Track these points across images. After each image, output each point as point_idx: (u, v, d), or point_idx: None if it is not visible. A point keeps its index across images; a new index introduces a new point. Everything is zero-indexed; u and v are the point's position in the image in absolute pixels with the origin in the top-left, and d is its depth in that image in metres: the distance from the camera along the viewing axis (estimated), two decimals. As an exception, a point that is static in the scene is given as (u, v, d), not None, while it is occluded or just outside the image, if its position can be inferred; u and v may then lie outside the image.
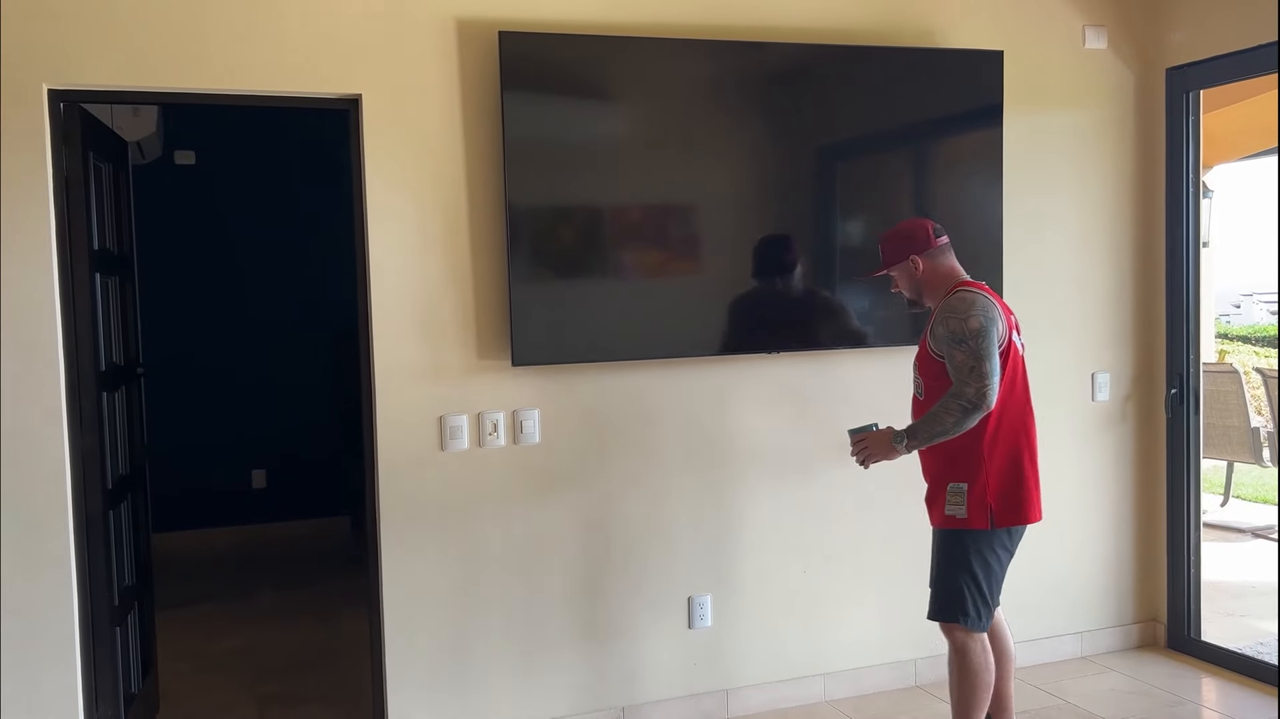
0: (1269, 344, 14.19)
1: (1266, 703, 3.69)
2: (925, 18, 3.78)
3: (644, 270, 3.48)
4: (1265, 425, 6.82)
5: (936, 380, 2.96)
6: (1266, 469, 7.09)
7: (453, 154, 3.28)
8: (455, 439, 3.33)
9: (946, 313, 2.92)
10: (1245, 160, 9.68)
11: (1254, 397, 7.02)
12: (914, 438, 2.93)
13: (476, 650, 3.39)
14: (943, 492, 2.99)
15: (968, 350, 2.85)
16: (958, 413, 2.84)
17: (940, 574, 3.05)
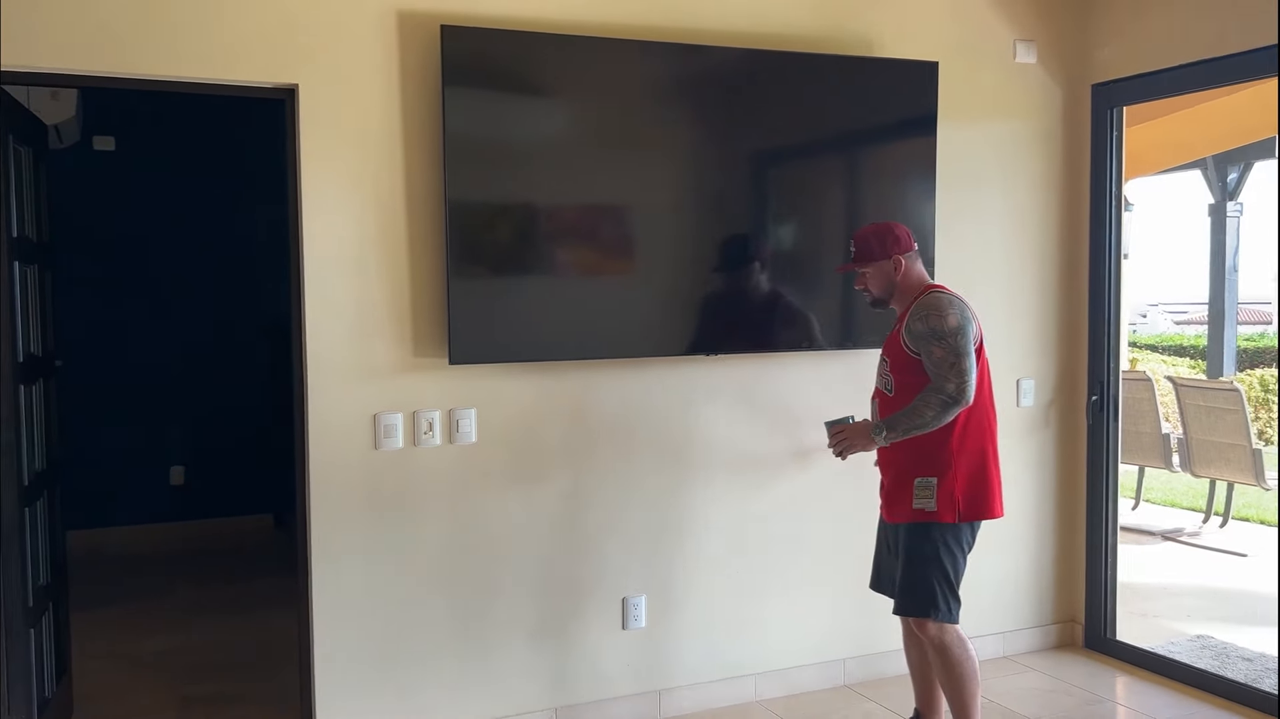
0: (1175, 353, 14.67)
1: (1178, 701, 3.82)
2: (865, 27, 3.83)
3: (583, 270, 3.47)
4: (1174, 432, 7.07)
5: (910, 377, 3.02)
6: (1175, 474, 7.35)
7: (391, 148, 3.23)
8: (390, 438, 3.28)
9: (925, 310, 2.99)
10: (1158, 175, 10.00)
11: (1164, 404, 7.27)
12: (893, 430, 2.99)
13: (409, 652, 3.34)
14: (909, 486, 3.03)
15: (947, 347, 2.93)
16: (938, 407, 2.92)
17: (910, 569, 3.06)
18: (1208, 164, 10.84)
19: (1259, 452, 6.32)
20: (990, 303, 4.11)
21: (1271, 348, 16.10)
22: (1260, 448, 6.37)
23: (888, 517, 3.16)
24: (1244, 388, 6.95)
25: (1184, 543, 6.57)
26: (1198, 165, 10.84)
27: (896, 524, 3.11)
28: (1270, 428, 10.15)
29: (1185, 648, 4.39)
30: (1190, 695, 3.86)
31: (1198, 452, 6.63)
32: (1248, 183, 11.12)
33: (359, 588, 3.27)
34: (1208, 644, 4.48)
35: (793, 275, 3.75)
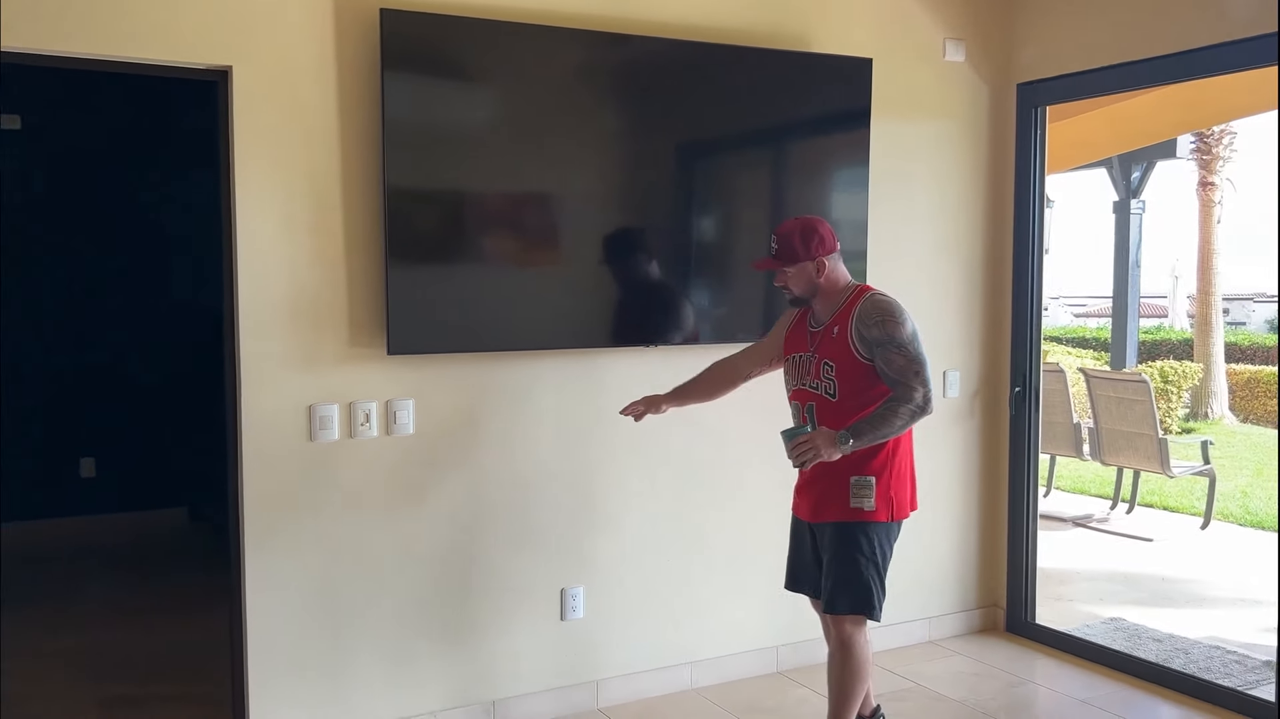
0: (1078, 345, 15.16)
1: (1095, 681, 3.96)
2: (800, 22, 3.87)
3: (524, 260, 3.44)
4: (1086, 422, 7.32)
5: (858, 383, 2.96)
6: (1085, 462, 7.61)
7: (328, 133, 3.16)
8: (325, 429, 3.22)
9: (877, 315, 2.94)
10: (1064, 174, 10.32)
11: (1076, 395, 7.52)
12: (859, 438, 2.87)
13: (346, 647, 3.29)
14: (845, 485, 2.99)
15: (907, 355, 2.90)
16: (907, 417, 2.88)
17: (847, 569, 3.02)
18: (1113, 163, 11.23)
19: (1164, 440, 6.58)
20: (919, 296, 4.19)
21: (1168, 340, 16.76)
22: (1165, 437, 6.63)
23: (813, 516, 3.11)
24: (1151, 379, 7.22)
25: (1093, 529, 6.82)
26: (1103, 164, 11.22)
27: (824, 523, 3.07)
28: (1170, 418, 10.58)
29: (1100, 630, 4.56)
30: (1106, 676, 4.01)
31: (1107, 440, 6.89)
32: (1150, 181, 11.55)
33: (294, 583, 3.20)
34: (1120, 626, 4.66)
35: (727, 267, 3.78)
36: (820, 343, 3.04)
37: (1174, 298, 18.66)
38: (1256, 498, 7.90)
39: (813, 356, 3.05)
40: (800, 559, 3.23)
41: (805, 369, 3.08)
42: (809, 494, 3.11)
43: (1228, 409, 12.80)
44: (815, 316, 3.09)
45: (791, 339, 3.17)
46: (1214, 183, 13.12)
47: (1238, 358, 14.55)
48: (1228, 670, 4.06)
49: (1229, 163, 13.21)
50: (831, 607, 3.05)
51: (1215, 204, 13.17)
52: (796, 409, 3.12)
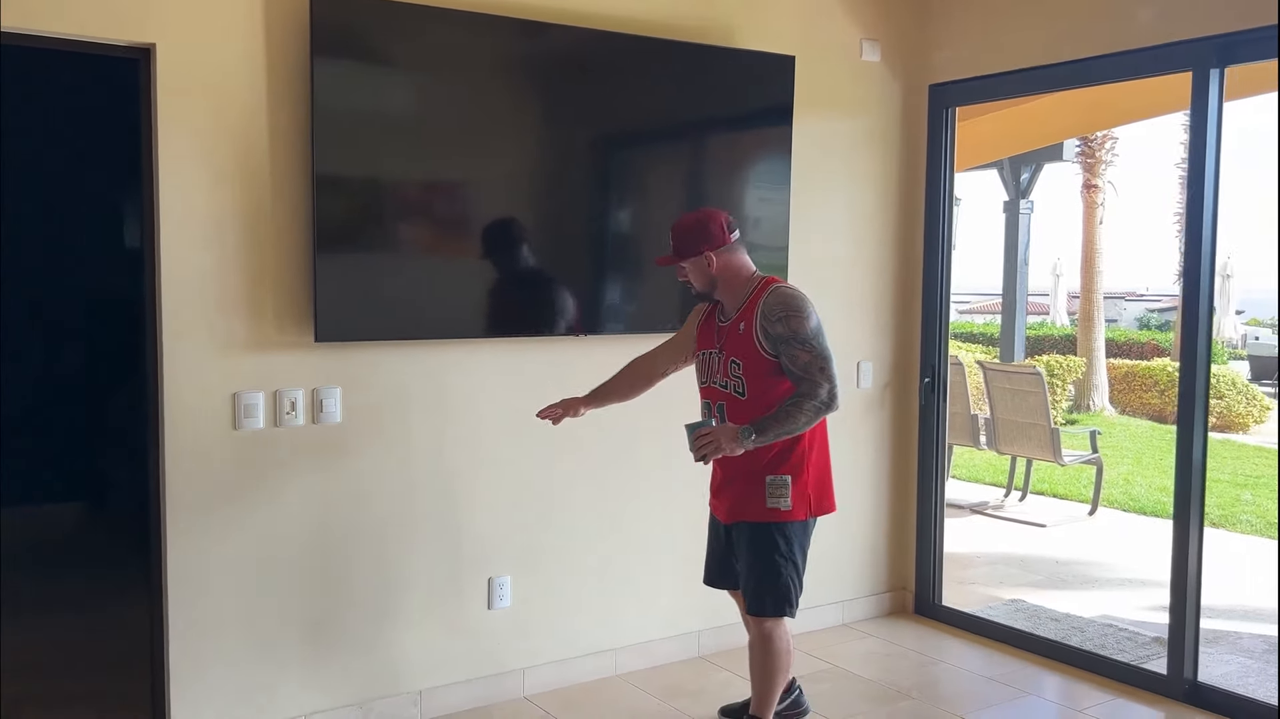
0: (967, 339, 15.69)
1: (1000, 659, 4.14)
2: (724, 18, 3.94)
3: (452, 248, 3.44)
4: (983, 414, 7.60)
5: (766, 379, 2.95)
6: (981, 451, 7.90)
7: (255, 116, 3.10)
8: (250, 418, 3.16)
9: (782, 311, 2.92)
10: (962, 174, 10.67)
11: (973, 387, 7.80)
12: (763, 434, 2.85)
13: (271, 639, 3.23)
14: (760, 484, 2.98)
15: (812, 351, 2.89)
16: (812, 413, 2.87)
17: (765, 569, 3.03)
18: (1004, 165, 11.66)
19: (1056, 430, 6.89)
20: (835, 289, 4.32)
21: (1051, 335, 17.46)
22: (1058, 427, 6.94)
23: (727, 517, 3.10)
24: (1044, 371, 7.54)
25: (990, 515, 7.09)
26: (994, 165, 11.64)
27: (742, 524, 3.06)
28: (1055, 410, 11.04)
29: (1001, 611, 4.76)
30: (1009, 653, 4.19)
31: (1002, 431, 7.17)
32: (1038, 183, 12.03)
33: (217, 575, 3.14)
34: (1020, 607, 4.87)
35: (650, 258, 3.82)
36: (727, 339, 3.02)
37: (1056, 295, 19.45)
38: (1138, 485, 8.33)
39: (720, 354, 3.03)
40: (718, 557, 3.27)
41: (714, 367, 3.05)
42: (725, 495, 3.10)
43: (1108, 401, 13.43)
44: (724, 311, 3.08)
45: (702, 334, 3.16)
46: (1097, 185, 13.75)
47: (1115, 353, 15.27)
48: (1120, 646, 4.29)
49: (1111, 166, 13.85)
50: (755, 609, 3.06)
51: (1098, 205, 13.79)
52: (707, 407, 3.11)
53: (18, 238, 5.68)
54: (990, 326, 18.26)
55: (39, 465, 5.80)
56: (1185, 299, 3.69)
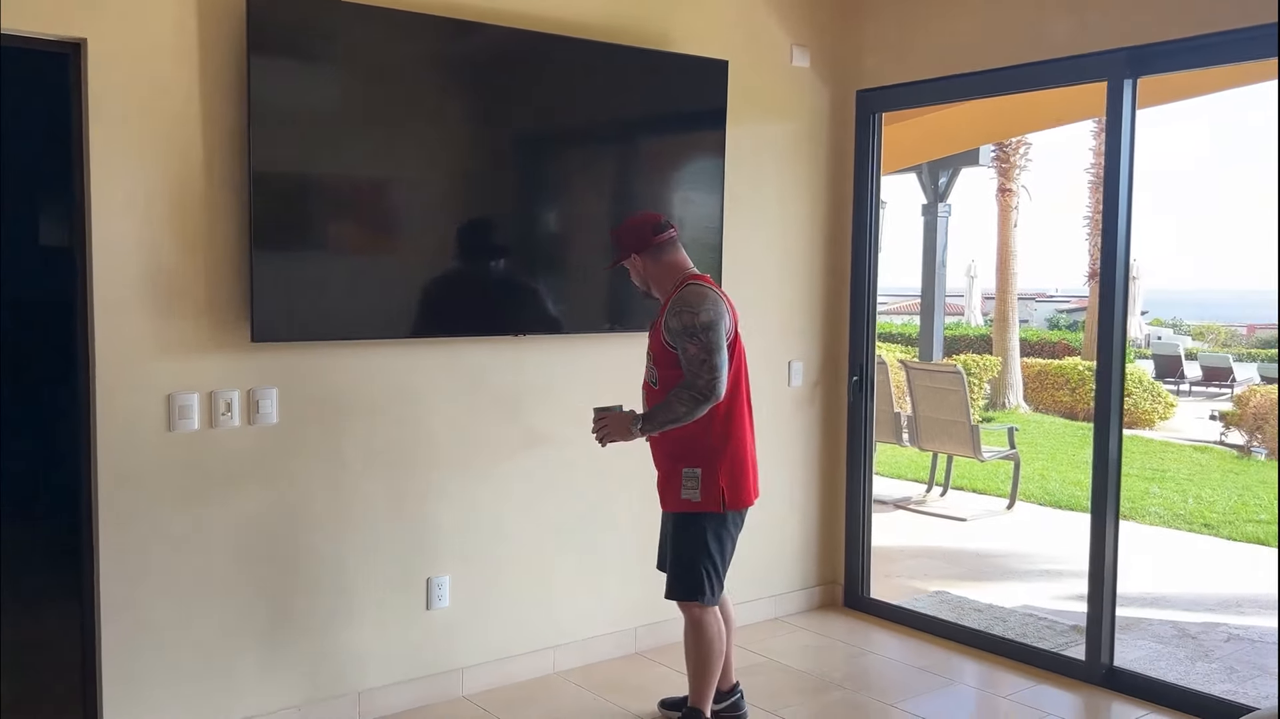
0: (884, 339, 16.00)
1: (927, 649, 4.26)
2: (658, 22, 3.99)
3: (390, 248, 3.43)
4: (905, 411, 7.79)
5: (670, 370, 3.14)
6: (904, 448, 8.09)
7: (189, 113, 3.06)
8: (185, 419, 3.11)
9: (679, 306, 3.08)
10: (885, 177, 10.90)
11: (895, 385, 7.99)
12: (649, 423, 3.11)
13: (205, 644, 3.19)
14: (678, 476, 3.16)
15: (699, 344, 3.03)
16: (689, 402, 3.03)
17: (679, 557, 3.21)
18: (922, 169, 11.95)
19: (976, 427, 7.09)
20: (768, 290, 4.41)
21: (966, 335, 17.91)
22: (977, 424, 7.14)
23: (662, 505, 3.29)
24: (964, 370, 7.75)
25: (913, 510, 7.27)
26: (913, 169, 11.92)
27: (668, 514, 3.27)
28: (973, 408, 11.33)
29: (927, 603, 4.90)
30: (935, 643, 4.32)
31: (924, 428, 7.35)
32: (955, 186, 12.34)
33: (152, 578, 3.09)
34: (945, 599, 5.02)
35: (590, 259, 3.86)
36: (653, 335, 3.22)
37: (970, 296, 19.95)
38: (1053, 480, 8.61)
39: (649, 350, 3.24)
40: (663, 542, 3.39)
41: (647, 358, 3.27)
42: (659, 485, 3.28)
43: (1022, 399, 13.83)
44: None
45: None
46: (1011, 189, 14.16)
47: (1028, 352, 15.74)
48: (1040, 635, 4.45)
49: (1024, 171, 14.28)
50: (668, 593, 3.24)
51: (1013, 209, 14.21)
52: (643, 397, 3.30)
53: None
54: (908, 327, 18.67)
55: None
56: (1101, 300, 3.84)
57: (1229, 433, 11.56)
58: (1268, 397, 11.34)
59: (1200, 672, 4.21)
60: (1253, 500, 8.04)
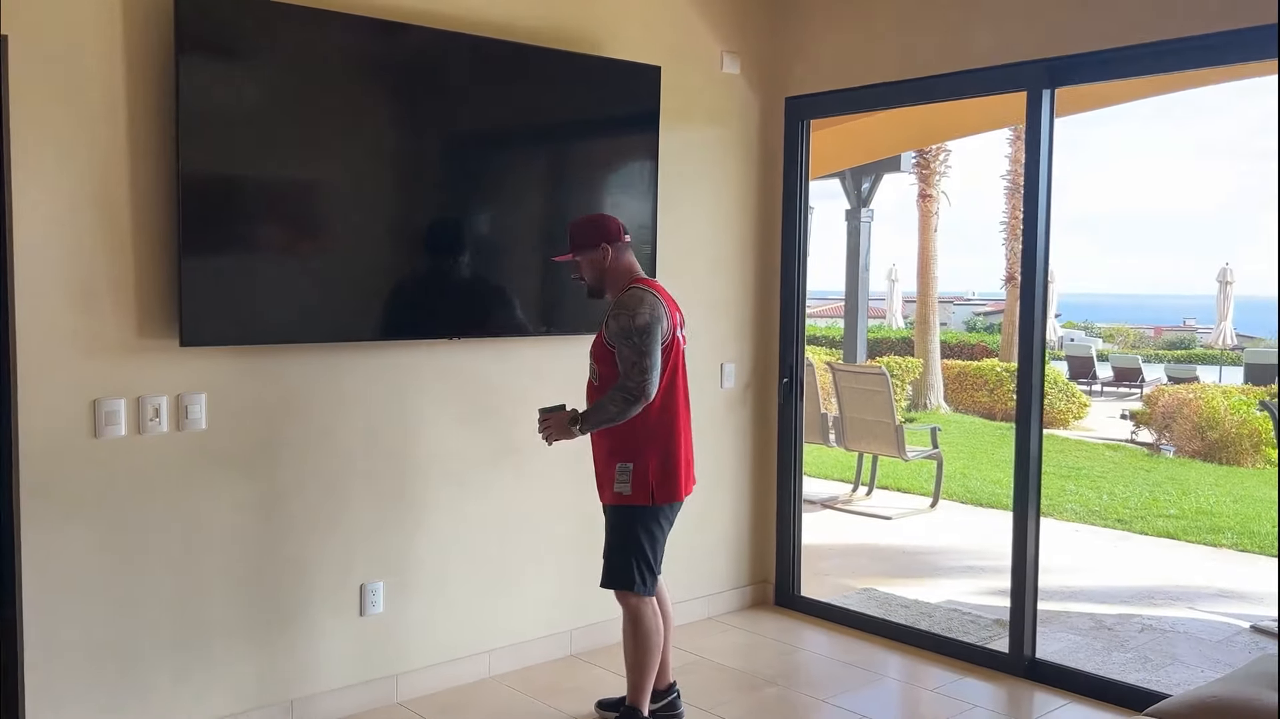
0: (809, 342, 16.22)
1: (856, 644, 4.35)
2: (592, 26, 4.02)
3: (320, 250, 3.39)
4: (832, 412, 7.92)
5: (610, 369, 3.23)
6: (831, 449, 8.22)
7: (115, 113, 3.00)
8: (111, 425, 3.05)
9: (620, 309, 3.18)
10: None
11: (822, 386, 8.12)
12: (586, 422, 3.22)
13: (136, 651, 3.12)
14: (612, 470, 3.26)
15: (633, 346, 3.14)
16: (621, 403, 3.14)
17: (611, 548, 3.32)
18: (846, 175, 12.16)
19: (900, 428, 7.24)
20: (700, 293, 4.46)
21: (888, 338, 18.25)
22: (901, 423, 7.30)
23: (600, 498, 3.37)
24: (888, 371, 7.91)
25: (840, 509, 7.40)
26: (837, 175, 12.13)
27: (605, 506, 3.36)
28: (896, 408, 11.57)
29: (855, 599, 5.00)
30: (865, 639, 4.41)
31: (850, 428, 7.49)
32: (878, 192, 12.58)
33: (78, 586, 3.01)
34: (872, 595, 5.13)
35: (528, 263, 3.87)
36: (596, 336, 3.30)
37: (891, 299, 20.34)
38: (974, 478, 8.83)
39: (591, 348, 3.33)
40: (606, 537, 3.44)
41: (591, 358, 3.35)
42: (598, 479, 3.37)
43: (943, 400, 14.15)
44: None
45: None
46: (932, 195, 14.48)
47: (947, 354, 16.10)
48: (965, 629, 4.58)
49: (944, 178, 14.62)
50: (603, 582, 3.33)
51: (933, 214, 14.53)
52: (587, 398, 3.37)
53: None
54: (833, 329, 18.98)
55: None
56: (1022, 304, 3.96)
57: (1139, 431, 11.98)
58: (1175, 396, 11.77)
59: (1116, 661, 4.36)
60: (1162, 496, 8.35)
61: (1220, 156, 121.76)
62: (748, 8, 4.52)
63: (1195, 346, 25.51)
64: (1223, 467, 10.15)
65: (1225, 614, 5.16)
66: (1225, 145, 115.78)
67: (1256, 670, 2.52)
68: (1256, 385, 14.21)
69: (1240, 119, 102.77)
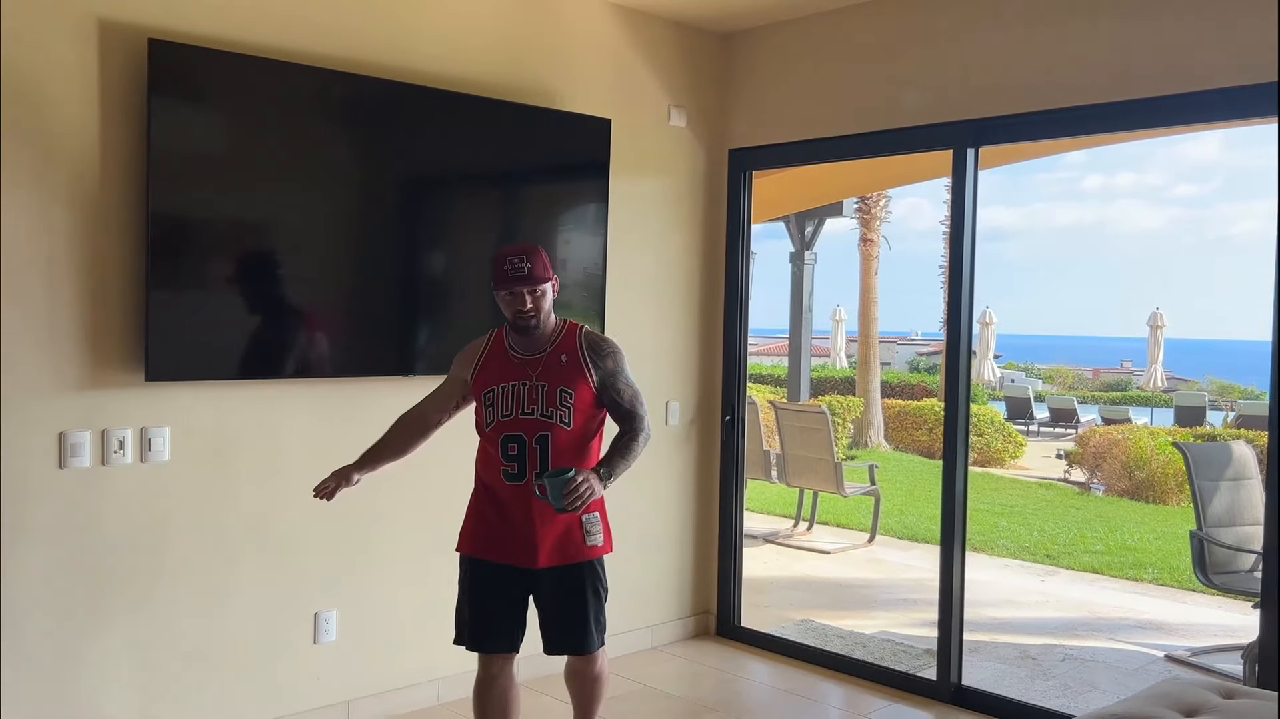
0: (754, 380, 16.48)
1: (794, 674, 4.52)
2: (548, 81, 4.22)
3: (283, 289, 3.54)
4: (774, 449, 8.14)
5: (588, 410, 2.96)
6: (773, 484, 8.43)
7: (87, 154, 3.13)
8: (77, 456, 3.15)
9: (608, 349, 3.01)
10: (755, 225, 11.39)
11: (765, 424, 8.33)
12: (615, 474, 2.88)
13: (95, 679, 3.21)
14: (578, 525, 2.95)
15: (633, 387, 3.02)
16: (642, 446, 2.96)
17: (594, 606, 3.02)
18: (790, 219, 12.49)
19: (840, 464, 7.48)
20: (647, 333, 4.66)
21: (831, 377, 18.59)
22: (840, 460, 7.53)
23: (551, 560, 2.96)
24: (829, 410, 8.15)
25: (780, 544, 7.60)
26: (782, 219, 12.45)
27: (564, 566, 2.97)
28: (838, 446, 11.84)
29: (793, 630, 5.18)
30: (802, 668, 4.59)
31: (792, 465, 7.71)
32: (821, 235, 12.92)
33: (40, 614, 3.10)
34: (810, 627, 5.31)
35: (479, 302, 4.04)
36: (546, 370, 2.94)
37: (836, 339, 20.72)
38: (911, 515, 9.09)
39: (540, 385, 2.92)
40: (503, 612, 3.08)
41: (531, 397, 2.92)
42: (542, 539, 2.95)
43: (883, 438, 14.47)
44: (520, 344, 2.98)
45: (491, 370, 3.01)
46: (873, 239, 14.89)
47: (889, 393, 16.46)
48: (897, 658, 4.78)
49: (884, 222, 15.05)
50: (587, 646, 3.02)
51: (874, 258, 14.94)
52: (521, 442, 2.93)
53: None
54: (778, 368, 19.28)
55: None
56: (948, 345, 4.21)
57: (1072, 470, 12.37)
58: (1105, 436, 12.18)
59: (1038, 689, 4.59)
60: (1090, 533, 8.66)
61: (1149, 202, 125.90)
62: (693, 65, 4.76)
63: (1131, 388, 26.16)
64: (1148, 504, 10.53)
65: (1142, 644, 5.42)
66: (1149, 191, 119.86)
67: (1157, 692, 2.74)
68: (1184, 427, 14.72)
69: (1162, 168, 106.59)
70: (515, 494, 2.96)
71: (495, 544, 3.04)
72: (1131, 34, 3.64)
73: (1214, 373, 27.47)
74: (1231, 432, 13.58)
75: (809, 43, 4.54)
